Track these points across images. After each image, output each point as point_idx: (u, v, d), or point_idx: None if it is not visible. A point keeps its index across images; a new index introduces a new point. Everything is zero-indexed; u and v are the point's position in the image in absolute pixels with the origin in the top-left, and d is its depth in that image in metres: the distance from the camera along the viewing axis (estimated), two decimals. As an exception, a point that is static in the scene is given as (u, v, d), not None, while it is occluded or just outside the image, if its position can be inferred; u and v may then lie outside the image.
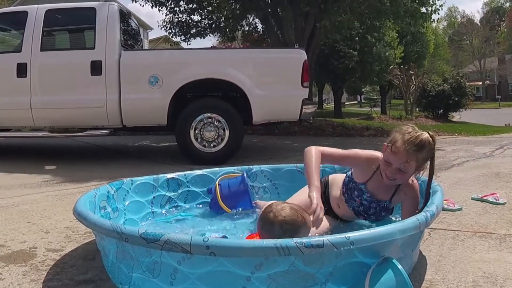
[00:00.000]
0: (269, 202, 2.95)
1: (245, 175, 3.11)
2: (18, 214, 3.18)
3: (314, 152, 2.36)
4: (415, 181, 2.34)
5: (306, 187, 2.48)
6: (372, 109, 20.47)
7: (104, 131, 5.62)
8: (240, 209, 2.94)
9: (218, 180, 3.07)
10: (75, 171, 5.06)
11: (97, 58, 5.44)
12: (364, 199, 2.41)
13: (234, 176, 3.16)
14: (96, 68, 5.42)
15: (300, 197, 2.55)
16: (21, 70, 5.42)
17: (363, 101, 35.94)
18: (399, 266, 1.55)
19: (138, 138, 8.06)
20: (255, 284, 1.60)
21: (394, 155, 2.16)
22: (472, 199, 3.34)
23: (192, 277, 1.65)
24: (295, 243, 1.50)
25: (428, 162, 2.23)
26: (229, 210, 2.91)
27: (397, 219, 2.44)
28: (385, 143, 2.26)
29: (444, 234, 2.53)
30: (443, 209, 2.81)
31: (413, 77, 15.98)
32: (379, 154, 2.37)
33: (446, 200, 3.10)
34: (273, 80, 5.66)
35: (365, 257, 1.64)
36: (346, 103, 33.12)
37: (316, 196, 2.17)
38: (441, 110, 16.33)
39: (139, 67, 5.57)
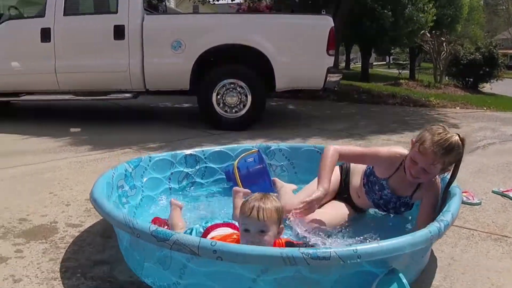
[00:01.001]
0: (286, 184, 2.99)
1: (262, 155, 3.11)
2: (41, 184, 3.27)
3: (331, 153, 2.37)
4: (438, 179, 2.30)
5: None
6: (400, 72, 19.97)
7: (127, 95, 5.65)
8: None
9: (236, 162, 3.08)
10: (99, 134, 5.15)
11: (120, 23, 5.41)
12: (385, 194, 2.40)
13: (250, 153, 3.17)
14: (119, 32, 5.40)
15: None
16: (45, 35, 5.44)
17: (391, 62, 35.10)
18: (404, 281, 1.55)
19: (161, 98, 8.08)
20: (261, 286, 1.63)
21: (421, 155, 2.11)
22: (493, 192, 3.24)
23: (200, 274, 1.69)
24: (302, 253, 1.51)
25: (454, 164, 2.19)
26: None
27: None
28: (413, 139, 2.22)
29: (458, 233, 2.50)
30: (462, 202, 2.76)
31: (444, 44, 15.39)
32: (402, 150, 2.34)
33: (465, 192, 3.04)
34: (298, 47, 5.56)
35: (372, 267, 1.64)
36: (374, 64, 32.38)
37: (317, 195, 2.25)
38: (471, 80, 15.76)
39: (162, 32, 5.53)
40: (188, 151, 3.23)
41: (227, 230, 2.03)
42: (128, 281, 1.90)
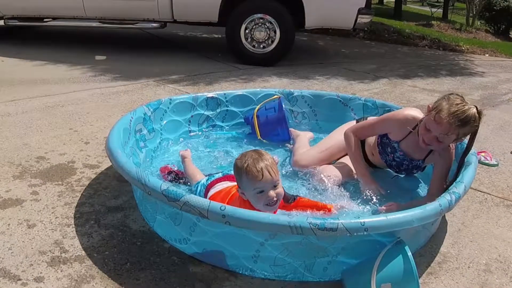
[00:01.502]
0: (301, 133, 2.98)
1: (282, 103, 3.08)
2: (61, 117, 3.27)
3: (353, 138, 2.44)
4: (452, 146, 2.25)
5: (343, 127, 2.53)
6: (433, 13, 19.02)
7: (154, 25, 5.59)
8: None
9: (256, 109, 3.06)
10: (124, 63, 5.13)
11: None
12: (397, 156, 2.38)
13: (272, 99, 3.13)
14: None
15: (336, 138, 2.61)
16: None
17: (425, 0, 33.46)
18: (409, 254, 1.55)
19: (191, 26, 7.93)
20: (268, 249, 1.66)
21: (436, 124, 2.04)
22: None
23: (209, 233, 1.73)
24: (309, 224, 1.52)
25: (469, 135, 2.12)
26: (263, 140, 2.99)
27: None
28: (430, 105, 2.14)
29: (472, 196, 2.48)
30: (479, 162, 2.71)
31: (479, -12, 14.42)
32: (417, 114, 2.26)
33: (483, 152, 2.99)
34: None
35: (380, 236, 1.65)
36: (408, 0, 30.80)
37: (375, 188, 2.33)
38: (503, 27, 14.92)
39: None
40: (209, 94, 3.19)
41: (225, 185, 2.04)
42: (140, 231, 1.95)
